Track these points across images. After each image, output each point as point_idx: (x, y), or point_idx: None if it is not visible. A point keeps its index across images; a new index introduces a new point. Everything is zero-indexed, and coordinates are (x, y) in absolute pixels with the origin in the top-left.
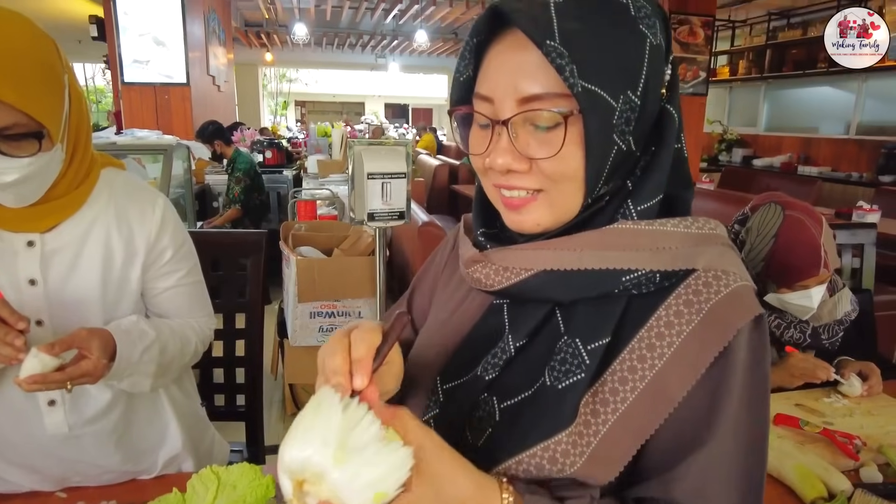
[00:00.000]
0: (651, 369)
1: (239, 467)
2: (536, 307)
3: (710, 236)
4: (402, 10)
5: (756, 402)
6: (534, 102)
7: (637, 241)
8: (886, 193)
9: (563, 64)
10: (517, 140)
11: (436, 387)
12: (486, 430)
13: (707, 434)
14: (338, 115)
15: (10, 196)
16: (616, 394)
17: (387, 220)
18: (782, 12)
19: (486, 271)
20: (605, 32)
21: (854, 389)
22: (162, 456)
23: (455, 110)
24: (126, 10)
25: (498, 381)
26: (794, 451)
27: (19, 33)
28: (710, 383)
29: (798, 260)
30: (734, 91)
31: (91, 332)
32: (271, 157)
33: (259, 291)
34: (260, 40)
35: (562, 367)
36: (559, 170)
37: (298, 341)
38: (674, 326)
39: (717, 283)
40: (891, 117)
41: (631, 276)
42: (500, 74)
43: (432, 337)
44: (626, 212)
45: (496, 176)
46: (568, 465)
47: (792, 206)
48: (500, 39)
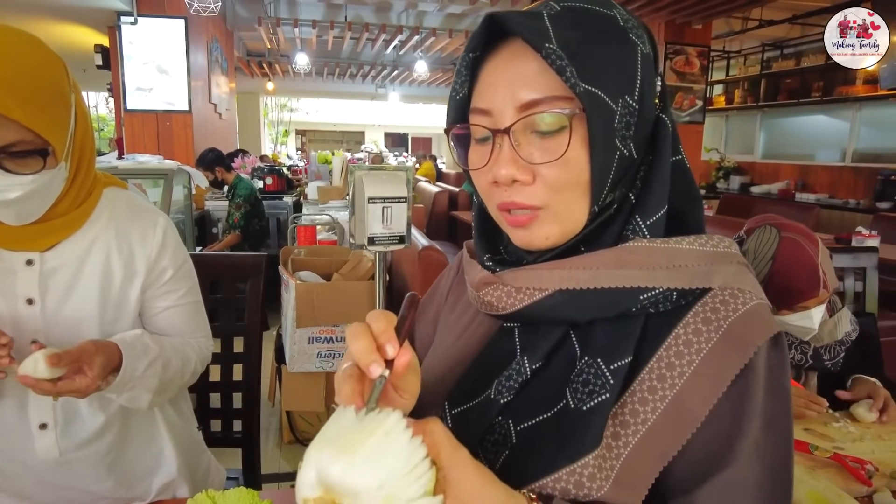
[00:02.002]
0: (672, 388)
1: (236, 492)
2: (550, 329)
3: (725, 255)
4: (403, 40)
5: (779, 423)
6: (533, 108)
7: (653, 260)
8: (884, 220)
9: (564, 65)
10: (520, 148)
11: (444, 413)
12: (501, 453)
13: (730, 456)
14: (338, 144)
15: (12, 213)
16: (636, 415)
17: (387, 244)
18: (776, 43)
19: (499, 294)
20: (599, 39)
21: (866, 414)
22: (156, 482)
23: (452, 129)
24: (131, 40)
25: (513, 403)
26: (805, 477)
27: (28, 51)
28: (731, 403)
29: (797, 281)
30: (730, 119)
31: (98, 347)
32: (272, 184)
33: (258, 315)
34: (262, 70)
35: (585, 388)
36: (563, 176)
37: (296, 367)
38: (693, 345)
39: (735, 302)
40: (886, 145)
41: (648, 294)
42: (498, 85)
43: (438, 362)
44: (635, 227)
45: (500, 194)
46: (595, 490)
47: (787, 228)
48: (494, 54)
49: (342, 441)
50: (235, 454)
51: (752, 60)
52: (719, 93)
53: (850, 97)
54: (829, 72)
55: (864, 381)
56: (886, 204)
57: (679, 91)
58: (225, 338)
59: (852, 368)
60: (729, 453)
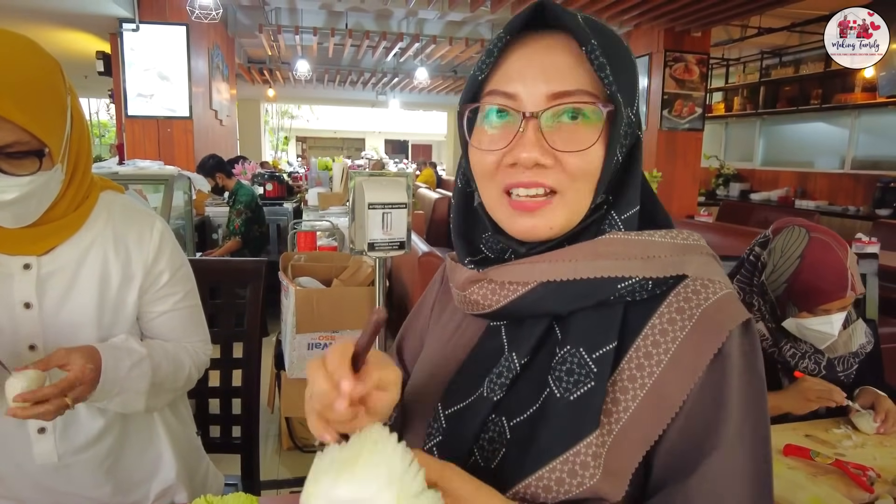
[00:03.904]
0: (650, 377)
1: (234, 497)
2: (535, 323)
3: (694, 246)
4: (403, 48)
5: (756, 406)
6: (565, 98)
7: (628, 251)
8: (884, 226)
9: (604, 63)
10: (547, 133)
11: (437, 414)
12: (498, 450)
13: (715, 441)
14: (338, 151)
15: (9, 215)
16: (618, 403)
17: (387, 250)
18: (774, 51)
19: (484, 291)
20: (621, 53)
21: (867, 426)
22: (154, 487)
23: (471, 105)
24: (132, 46)
25: (505, 400)
26: (807, 483)
27: (23, 53)
28: (709, 390)
29: (823, 281)
30: (730, 127)
31: (69, 349)
32: (272, 190)
33: (257, 320)
34: (262, 76)
35: (570, 378)
36: (583, 166)
37: (296, 373)
38: (668, 333)
39: (706, 291)
40: (884, 152)
41: (625, 283)
42: (529, 71)
43: (428, 368)
44: (611, 221)
45: (510, 175)
46: (588, 478)
47: (816, 230)
48: (524, 43)
49: (336, 466)
50: (234, 460)
51: (751, 68)
52: (718, 100)
53: (849, 105)
54: (827, 79)
55: (868, 392)
56: (886, 211)
57: (678, 98)
58: (224, 343)
59: (865, 382)
60: (713, 439)
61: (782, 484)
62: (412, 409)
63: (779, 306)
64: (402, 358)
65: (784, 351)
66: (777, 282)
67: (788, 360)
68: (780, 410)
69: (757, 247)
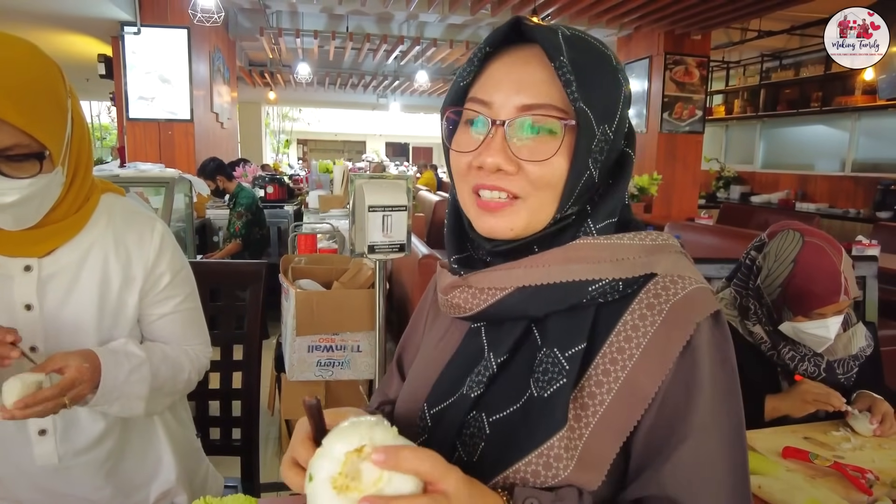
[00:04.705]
0: (623, 370)
1: (234, 499)
2: (513, 325)
3: (663, 246)
4: (404, 51)
5: (728, 395)
6: (532, 110)
7: (598, 255)
8: (884, 229)
9: (571, 79)
10: (511, 142)
11: (423, 413)
12: (478, 445)
13: (687, 428)
14: (339, 154)
15: (9, 218)
16: (594, 397)
17: (387, 252)
18: (774, 54)
19: (465, 296)
20: (598, 70)
21: (864, 428)
22: (154, 489)
23: (450, 109)
24: (134, 50)
25: (483, 397)
26: (805, 486)
27: (23, 56)
28: (681, 380)
29: (817, 286)
30: (730, 129)
31: (66, 353)
32: (273, 193)
33: (258, 322)
34: (263, 79)
35: (545, 377)
36: (545, 176)
37: (296, 376)
38: (639, 329)
39: (675, 287)
40: (884, 155)
41: (596, 285)
42: (504, 82)
43: (418, 373)
44: (586, 229)
45: (478, 177)
46: (562, 469)
47: (811, 234)
48: (505, 54)
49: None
50: (234, 462)
51: (752, 71)
52: (719, 103)
53: (849, 107)
54: (827, 82)
55: (866, 396)
56: (886, 213)
57: (679, 101)
58: (225, 346)
59: (865, 385)
60: (685, 427)
61: (781, 486)
62: (404, 412)
63: (775, 310)
64: (400, 370)
65: (783, 354)
66: (772, 286)
67: (788, 362)
68: (779, 412)
69: (753, 250)
